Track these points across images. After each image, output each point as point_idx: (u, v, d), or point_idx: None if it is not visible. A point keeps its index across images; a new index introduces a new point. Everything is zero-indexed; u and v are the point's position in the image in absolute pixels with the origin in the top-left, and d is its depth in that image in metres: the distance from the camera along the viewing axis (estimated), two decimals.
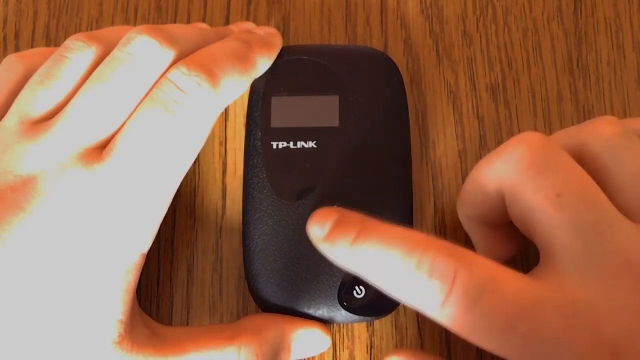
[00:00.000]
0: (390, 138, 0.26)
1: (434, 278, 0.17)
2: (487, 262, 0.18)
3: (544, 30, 0.30)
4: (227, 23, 0.30)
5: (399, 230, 0.18)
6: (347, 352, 0.25)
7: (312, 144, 0.25)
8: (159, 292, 0.26)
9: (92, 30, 0.25)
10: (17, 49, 0.29)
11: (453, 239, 0.19)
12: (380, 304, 0.24)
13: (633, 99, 0.29)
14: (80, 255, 0.20)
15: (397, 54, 0.29)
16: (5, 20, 0.30)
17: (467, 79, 0.29)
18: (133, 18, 0.30)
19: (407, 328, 0.26)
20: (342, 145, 0.25)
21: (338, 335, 0.26)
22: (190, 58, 0.23)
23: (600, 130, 0.20)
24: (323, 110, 0.26)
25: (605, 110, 0.28)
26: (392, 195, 0.25)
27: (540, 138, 0.20)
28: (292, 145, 0.25)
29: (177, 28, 0.24)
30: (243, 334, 0.23)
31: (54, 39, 0.30)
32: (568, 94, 0.29)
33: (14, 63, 0.24)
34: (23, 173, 0.21)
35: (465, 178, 0.27)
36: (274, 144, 0.25)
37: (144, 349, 0.21)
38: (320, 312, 0.24)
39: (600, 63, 0.29)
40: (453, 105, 0.28)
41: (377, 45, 0.29)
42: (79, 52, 0.23)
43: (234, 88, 0.24)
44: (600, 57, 0.29)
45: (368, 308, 0.24)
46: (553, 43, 0.29)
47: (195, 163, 0.28)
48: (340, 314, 0.24)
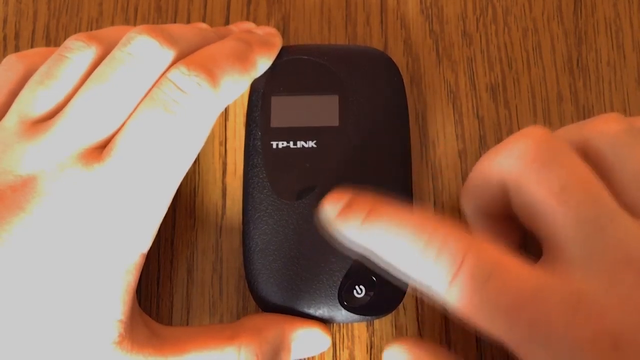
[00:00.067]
0: (390, 138, 0.26)
1: (443, 258, 0.18)
2: (496, 247, 0.18)
3: (544, 30, 0.30)
4: (227, 23, 0.30)
5: (412, 210, 0.19)
6: (347, 352, 0.25)
7: (312, 144, 0.25)
8: (159, 292, 0.26)
9: (92, 30, 0.25)
10: (17, 49, 0.29)
11: None
12: (380, 304, 0.24)
13: (633, 99, 0.29)
14: (80, 255, 0.20)
15: (397, 54, 0.29)
16: (5, 20, 0.30)
17: (467, 79, 0.29)
18: (133, 18, 0.30)
19: (407, 328, 0.26)
20: (342, 145, 0.25)
21: (338, 335, 0.26)
22: (190, 58, 0.23)
23: (605, 127, 0.20)
24: (323, 110, 0.26)
25: (605, 111, 0.28)
26: (392, 195, 0.25)
27: (545, 132, 0.20)
28: (292, 145, 0.25)
29: (177, 28, 0.24)
30: (243, 334, 0.23)
31: (54, 39, 0.30)
32: (568, 94, 0.29)
33: (14, 63, 0.24)
34: (23, 173, 0.21)
35: (465, 178, 0.27)
36: (274, 144, 0.25)
37: (144, 349, 0.21)
38: (321, 312, 0.24)
39: (600, 63, 0.29)
40: (453, 105, 0.28)
41: (377, 45, 0.29)
42: (79, 52, 0.23)
43: (234, 88, 0.24)
44: (600, 57, 0.29)
45: (368, 308, 0.24)
46: (553, 43, 0.29)
47: (195, 163, 0.28)
48: (341, 314, 0.24)
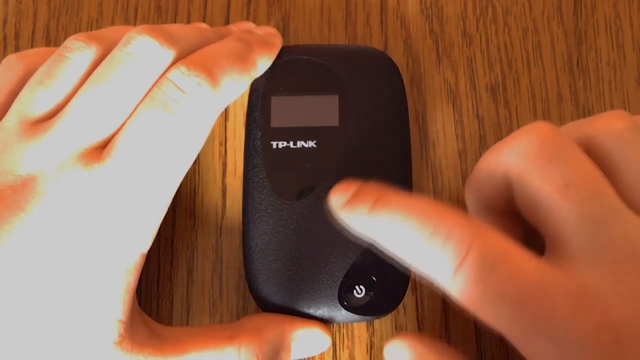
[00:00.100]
0: (390, 138, 0.26)
1: (449, 247, 0.18)
2: (503, 237, 0.18)
3: (544, 30, 0.30)
4: (227, 23, 0.30)
5: (418, 199, 0.19)
6: (347, 352, 0.25)
7: (312, 144, 0.25)
8: (159, 292, 0.26)
9: (92, 30, 0.25)
10: (17, 49, 0.29)
11: None
12: (380, 304, 0.24)
13: (633, 99, 0.29)
14: (81, 255, 0.20)
15: (397, 54, 0.29)
16: (5, 20, 0.30)
17: (467, 79, 0.29)
18: (133, 18, 0.30)
19: (407, 328, 0.26)
20: (342, 145, 0.25)
21: (338, 335, 0.26)
22: (190, 58, 0.23)
23: (610, 124, 0.20)
24: (323, 110, 0.26)
25: (605, 110, 0.28)
26: None
27: (550, 128, 0.20)
28: (292, 145, 0.25)
29: (177, 28, 0.24)
30: (243, 334, 0.23)
31: (54, 39, 0.30)
32: (568, 94, 0.29)
33: (14, 63, 0.24)
34: (23, 173, 0.21)
35: (466, 178, 0.27)
36: (274, 144, 0.25)
37: (144, 349, 0.21)
38: (321, 311, 0.24)
39: (600, 63, 0.29)
40: (453, 105, 0.28)
41: (377, 45, 0.29)
42: (79, 52, 0.23)
43: (234, 88, 0.24)
44: (600, 57, 0.29)
45: (368, 308, 0.24)
46: (553, 43, 0.29)
47: (195, 163, 0.28)
48: (341, 314, 0.24)
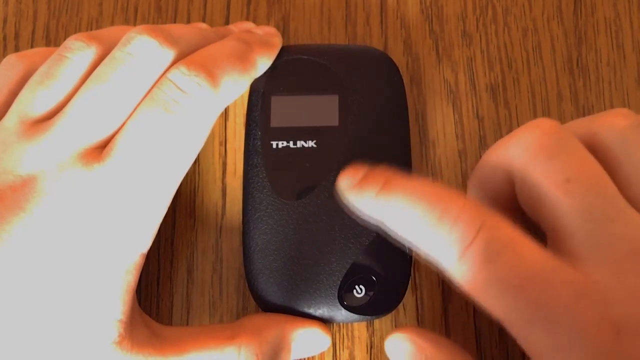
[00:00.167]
0: (390, 138, 0.26)
1: (457, 230, 0.18)
2: (511, 225, 0.18)
3: (544, 30, 0.30)
4: (227, 23, 0.30)
5: (428, 183, 0.19)
6: (347, 352, 0.25)
7: (312, 144, 0.25)
8: (159, 292, 0.26)
9: (92, 30, 0.25)
10: (17, 49, 0.29)
11: None
12: (380, 304, 0.24)
13: (633, 99, 0.29)
14: (80, 255, 0.20)
15: (397, 54, 0.29)
16: (5, 20, 0.30)
17: (467, 79, 0.29)
18: (133, 18, 0.30)
19: None
20: (341, 145, 0.25)
21: (338, 335, 0.26)
22: (190, 58, 0.23)
23: (613, 122, 0.20)
24: (323, 110, 0.26)
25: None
26: None
27: (553, 124, 0.20)
28: (292, 145, 0.25)
29: (177, 28, 0.24)
30: (243, 334, 0.22)
31: (54, 39, 0.30)
32: (568, 94, 0.29)
33: (14, 63, 0.24)
34: (23, 173, 0.21)
35: (466, 178, 0.27)
36: (274, 144, 0.25)
37: (144, 349, 0.21)
38: (321, 311, 0.24)
39: (600, 63, 0.29)
40: (453, 105, 0.28)
41: (377, 45, 0.29)
42: (79, 52, 0.23)
43: (234, 88, 0.24)
44: (600, 57, 0.29)
45: (368, 307, 0.24)
46: (553, 43, 0.29)
47: (195, 163, 0.28)
48: (340, 314, 0.24)
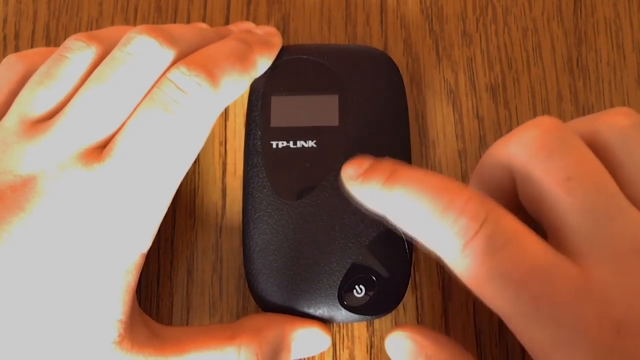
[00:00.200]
0: (390, 138, 0.26)
1: (462, 220, 0.18)
2: (515, 219, 0.18)
3: (544, 30, 0.30)
4: (227, 23, 0.30)
5: (433, 175, 0.19)
6: (347, 352, 0.25)
7: (311, 144, 0.25)
8: (159, 292, 0.26)
9: (92, 30, 0.25)
10: (17, 49, 0.29)
11: None
12: (380, 304, 0.24)
13: (633, 99, 0.29)
14: (80, 255, 0.20)
15: (397, 54, 0.29)
16: (5, 20, 0.30)
17: (467, 79, 0.29)
18: (133, 18, 0.30)
19: None
20: (341, 145, 0.25)
21: (338, 335, 0.26)
22: (190, 58, 0.23)
23: (615, 121, 0.20)
24: (323, 110, 0.26)
25: None
26: None
27: (555, 122, 0.20)
28: (291, 145, 0.25)
29: (177, 28, 0.24)
30: (243, 334, 0.22)
31: (54, 39, 0.30)
32: (568, 94, 0.29)
33: (14, 63, 0.24)
34: (23, 173, 0.21)
35: (466, 178, 0.27)
36: (274, 144, 0.25)
37: (144, 349, 0.21)
38: (321, 311, 0.24)
39: (600, 63, 0.29)
40: (453, 105, 0.28)
41: (377, 45, 0.29)
42: (79, 52, 0.23)
43: (234, 88, 0.24)
44: (600, 57, 0.29)
45: (368, 307, 0.24)
46: (553, 43, 0.29)
47: (195, 163, 0.28)
48: (340, 314, 0.24)
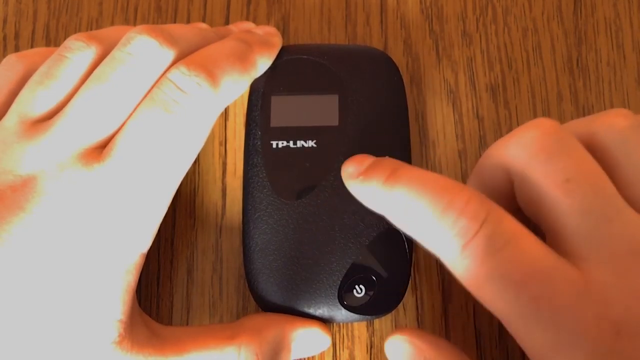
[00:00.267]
0: (390, 138, 0.26)
1: (461, 222, 0.18)
2: (515, 220, 0.18)
3: (544, 30, 0.30)
4: (227, 23, 0.30)
5: (434, 175, 0.19)
6: (347, 352, 0.25)
7: (311, 143, 0.25)
8: (159, 292, 0.26)
9: (92, 30, 0.25)
10: (17, 49, 0.29)
11: None
12: (380, 304, 0.24)
13: (633, 99, 0.29)
14: (80, 255, 0.20)
15: (397, 54, 0.29)
16: (5, 20, 0.30)
17: (467, 79, 0.29)
18: (133, 18, 0.30)
19: None
20: (341, 145, 0.25)
21: (338, 335, 0.26)
22: (190, 58, 0.23)
23: (613, 122, 0.20)
24: (323, 110, 0.26)
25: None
26: None
27: (553, 124, 0.20)
28: (291, 145, 0.25)
29: (177, 28, 0.24)
30: (243, 334, 0.22)
31: (54, 39, 0.30)
32: (568, 94, 0.29)
33: (14, 63, 0.24)
34: (23, 173, 0.21)
35: (465, 178, 0.27)
36: (274, 143, 0.25)
37: (144, 349, 0.21)
38: (321, 311, 0.24)
39: (600, 63, 0.29)
40: (453, 105, 0.28)
41: (377, 45, 0.29)
42: (79, 52, 0.23)
43: (234, 88, 0.24)
44: (600, 57, 0.29)
45: (368, 307, 0.24)
46: (553, 43, 0.29)
47: (195, 163, 0.28)
48: (340, 314, 0.24)
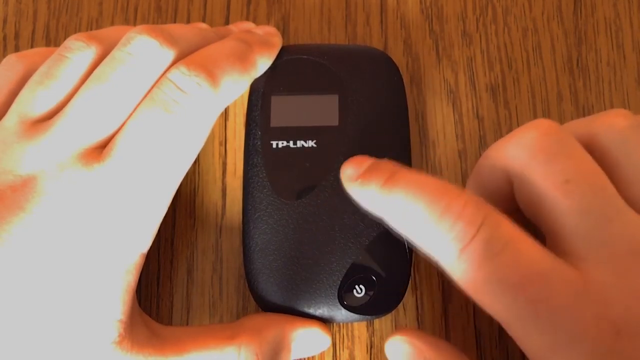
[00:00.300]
0: (390, 138, 0.26)
1: (459, 225, 0.18)
2: (512, 223, 0.18)
3: (544, 30, 0.30)
4: (227, 23, 0.30)
5: (432, 178, 0.19)
6: (347, 352, 0.25)
7: (311, 143, 0.25)
8: (159, 292, 0.26)
9: (92, 30, 0.25)
10: (17, 49, 0.29)
11: None
12: (380, 304, 0.24)
13: (633, 99, 0.29)
14: (80, 255, 0.20)
15: (397, 54, 0.29)
16: (5, 20, 0.30)
17: (467, 79, 0.29)
18: (133, 18, 0.30)
19: None
20: (341, 145, 0.25)
21: (338, 335, 0.26)
22: (190, 58, 0.23)
23: (613, 122, 0.20)
24: (323, 110, 0.26)
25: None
26: None
27: (552, 125, 0.20)
28: (291, 145, 0.25)
29: (177, 28, 0.24)
30: (243, 334, 0.22)
31: (54, 39, 0.30)
32: (568, 94, 0.29)
33: (14, 63, 0.24)
34: (23, 173, 0.21)
35: (465, 178, 0.27)
36: (274, 144, 0.25)
37: (144, 349, 0.21)
38: (321, 311, 0.24)
39: (600, 63, 0.29)
40: (453, 105, 0.28)
41: (377, 45, 0.29)
42: (79, 52, 0.23)
43: (234, 88, 0.24)
44: (600, 57, 0.29)
45: (368, 307, 0.24)
46: (553, 43, 0.29)
47: (195, 163, 0.28)
48: (340, 314, 0.24)
